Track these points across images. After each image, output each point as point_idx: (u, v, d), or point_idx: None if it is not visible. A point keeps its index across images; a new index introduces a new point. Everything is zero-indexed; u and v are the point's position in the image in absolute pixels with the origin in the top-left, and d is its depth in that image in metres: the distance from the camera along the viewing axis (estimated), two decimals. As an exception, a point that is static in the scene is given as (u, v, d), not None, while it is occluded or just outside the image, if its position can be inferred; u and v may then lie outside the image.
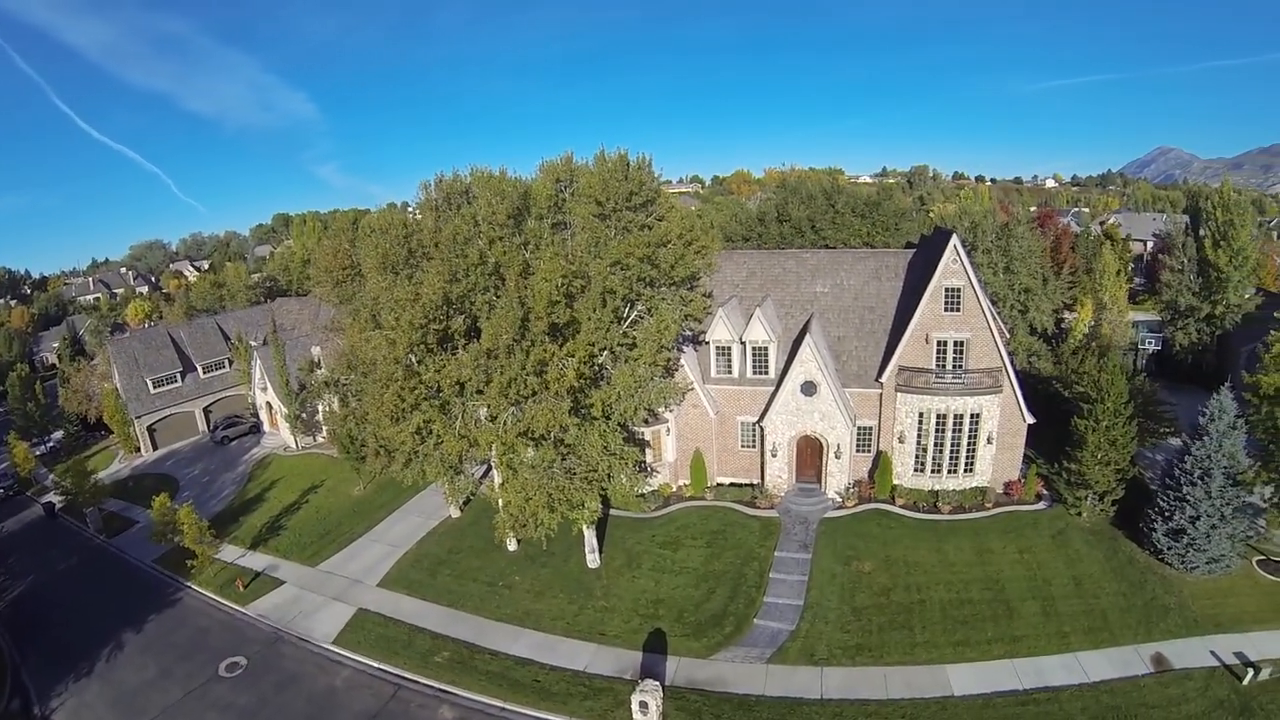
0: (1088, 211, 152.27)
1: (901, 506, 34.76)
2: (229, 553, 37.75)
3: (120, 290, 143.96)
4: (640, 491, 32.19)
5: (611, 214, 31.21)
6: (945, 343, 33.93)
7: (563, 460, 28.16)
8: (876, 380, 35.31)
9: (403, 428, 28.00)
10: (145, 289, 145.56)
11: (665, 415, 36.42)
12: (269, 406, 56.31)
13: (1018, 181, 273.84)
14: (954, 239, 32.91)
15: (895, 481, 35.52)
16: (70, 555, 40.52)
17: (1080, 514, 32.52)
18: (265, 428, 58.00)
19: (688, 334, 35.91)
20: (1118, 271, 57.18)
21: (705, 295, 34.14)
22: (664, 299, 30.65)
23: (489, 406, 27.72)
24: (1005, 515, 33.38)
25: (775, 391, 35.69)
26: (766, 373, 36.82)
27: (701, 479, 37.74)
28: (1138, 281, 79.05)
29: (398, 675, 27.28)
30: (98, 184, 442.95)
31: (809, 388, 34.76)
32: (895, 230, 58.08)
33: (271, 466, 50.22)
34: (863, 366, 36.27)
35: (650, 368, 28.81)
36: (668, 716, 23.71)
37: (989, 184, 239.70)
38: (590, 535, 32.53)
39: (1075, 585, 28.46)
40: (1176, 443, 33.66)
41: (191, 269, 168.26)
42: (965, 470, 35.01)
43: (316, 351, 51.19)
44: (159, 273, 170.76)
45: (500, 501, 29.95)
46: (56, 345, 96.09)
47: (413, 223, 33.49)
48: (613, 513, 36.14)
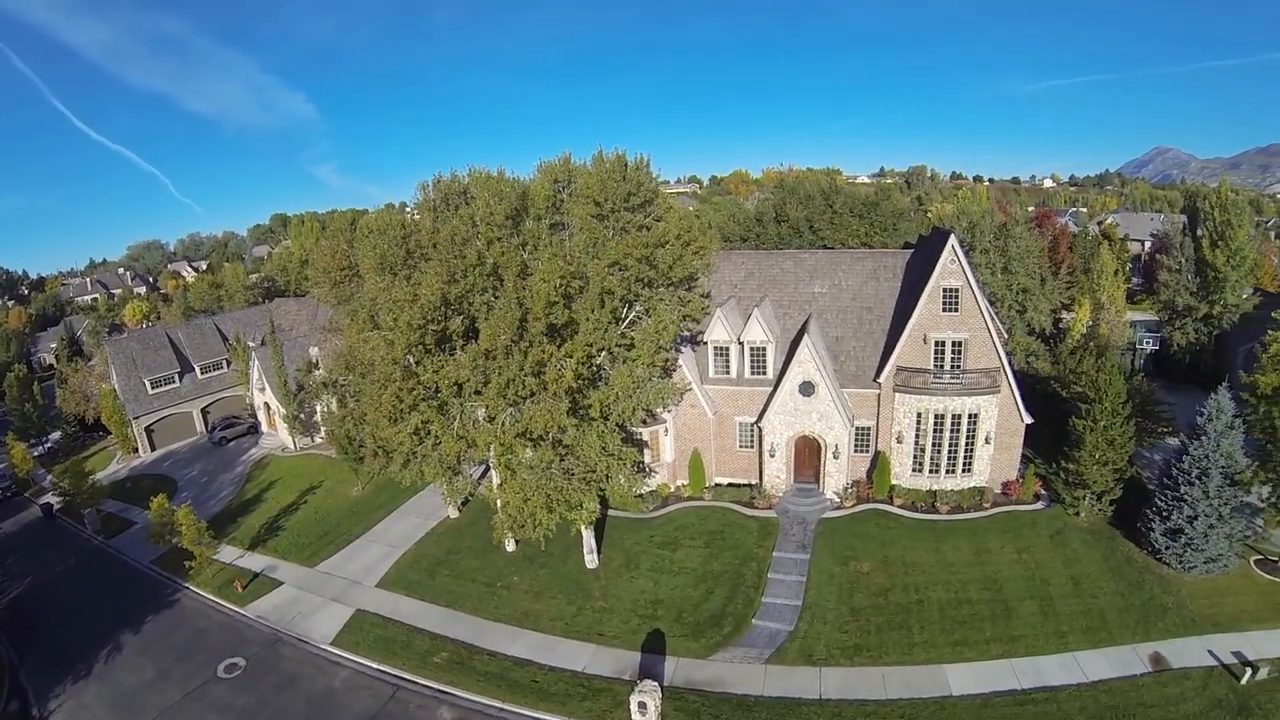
0: (1085, 211, 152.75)
1: (900, 506, 34.78)
2: (227, 554, 37.72)
3: (118, 291, 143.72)
4: (638, 492, 32.19)
5: (609, 214, 31.24)
6: (943, 343, 33.95)
7: (561, 461, 28.18)
8: (874, 380, 35.33)
9: (401, 428, 28.02)
10: (143, 289, 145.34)
11: (663, 416, 36.41)
12: (267, 407, 56.28)
13: (1015, 181, 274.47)
14: (952, 239, 32.92)
15: (893, 482, 35.54)
16: (68, 556, 40.49)
17: (1078, 514, 32.55)
18: (263, 428, 57.96)
19: (686, 334, 35.91)
20: (1115, 271, 57.20)
21: (703, 296, 34.22)
22: (662, 299, 30.67)
23: (487, 407, 27.74)
24: (1003, 515, 33.41)
25: (773, 392, 35.70)
26: (764, 373, 36.83)
27: (700, 479, 37.75)
28: (1135, 281, 79.04)
29: (396, 676, 27.28)
30: (95, 184, 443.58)
31: (807, 388, 34.78)
32: (893, 230, 58.13)
33: (270, 467, 50.18)
34: (861, 367, 36.28)
35: (648, 368, 28.85)
36: (666, 717, 23.72)
37: (987, 184, 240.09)
38: (589, 536, 32.54)
39: (1073, 585, 28.50)
40: (1174, 442, 33.63)
41: (189, 269, 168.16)
42: (963, 470, 35.03)
43: (314, 352, 51.16)
44: (157, 273, 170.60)
45: (498, 502, 29.97)
46: (54, 346, 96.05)
47: (411, 223, 33.50)
48: (611, 513, 36.16)
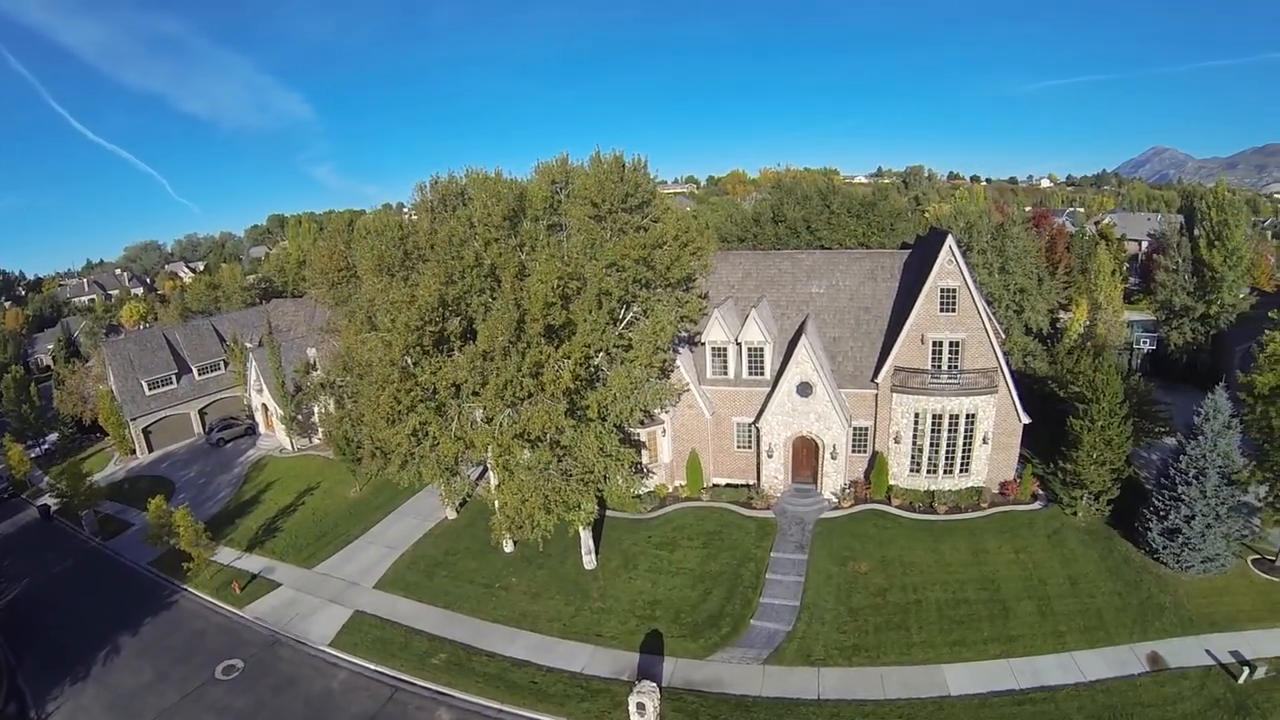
0: (1083, 211, 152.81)
1: (897, 507, 34.80)
2: (225, 555, 37.68)
3: (115, 292, 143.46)
4: (636, 493, 32.12)
5: (607, 215, 31.22)
6: (941, 343, 33.97)
7: (559, 462, 28.17)
8: (872, 381, 35.35)
9: (399, 429, 28.00)
10: (140, 290, 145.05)
11: (661, 416, 36.41)
12: (265, 408, 56.22)
13: (1013, 181, 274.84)
14: (949, 239, 32.94)
15: (891, 482, 35.56)
16: (66, 558, 40.43)
17: (1076, 514, 32.58)
18: (261, 429, 57.90)
19: (683, 335, 35.89)
20: (1113, 271, 57.32)
21: (701, 296, 34.22)
22: (660, 300, 30.66)
23: (485, 408, 27.73)
24: (1001, 515, 33.44)
25: (771, 392, 35.70)
26: (762, 373, 36.84)
27: (698, 480, 37.75)
28: (1133, 281, 79.16)
29: (395, 677, 27.26)
30: (92, 185, 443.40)
31: (805, 388, 34.79)
32: (891, 231, 58.12)
33: (267, 468, 50.13)
34: (858, 367, 36.31)
35: (646, 369, 28.84)
36: (665, 717, 23.72)
37: (984, 184, 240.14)
38: (587, 536, 32.53)
39: (1071, 585, 28.53)
40: (1171, 442, 33.64)
41: (187, 270, 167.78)
42: (961, 470, 35.07)
43: (312, 353, 51.08)
44: (154, 274, 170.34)
45: (496, 503, 29.96)
46: (51, 347, 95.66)
47: (408, 224, 33.48)
48: (609, 514, 36.16)
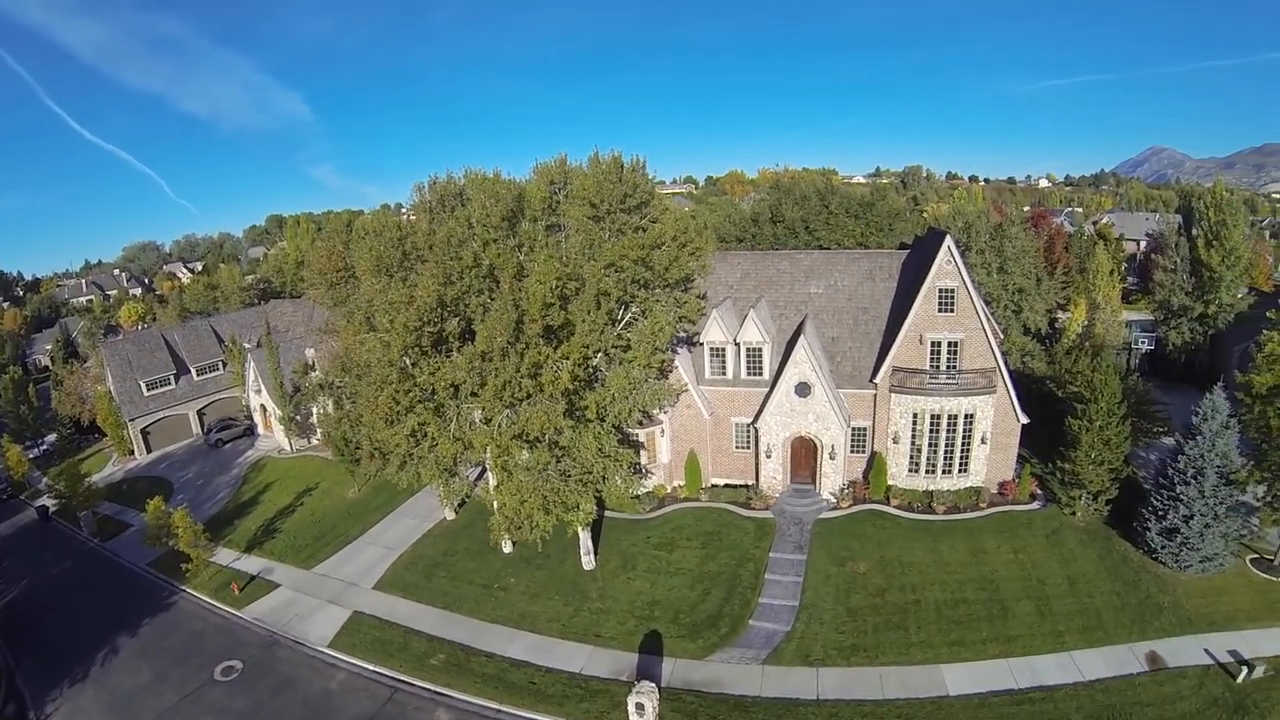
0: (1081, 211, 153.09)
1: (896, 507, 34.81)
2: (224, 556, 37.66)
3: (113, 292, 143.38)
4: (635, 493, 32.13)
5: (606, 216, 31.25)
6: (939, 343, 33.99)
7: (557, 462, 28.17)
8: (871, 381, 35.35)
9: (397, 430, 27.99)
10: (138, 291, 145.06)
11: (660, 417, 36.43)
12: (263, 409, 56.18)
13: (1011, 181, 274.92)
14: (948, 240, 32.96)
15: (890, 482, 35.57)
16: (64, 559, 40.40)
17: (1074, 513, 32.60)
18: (259, 430, 57.85)
19: (682, 335, 35.89)
20: (1111, 271, 57.35)
21: (699, 297, 34.25)
22: (658, 301, 30.68)
23: (484, 409, 27.73)
24: (999, 515, 33.45)
25: (769, 393, 35.70)
26: (761, 374, 36.83)
27: (696, 480, 37.75)
28: (1131, 281, 79.11)
29: (394, 678, 27.27)
30: (90, 185, 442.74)
31: (803, 389, 34.80)
32: (889, 231, 58.12)
33: (266, 469, 50.09)
34: (857, 367, 36.32)
35: (645, 369, 28.86)
36: (664, 718, 23.72)
37: (982, 184, 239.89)
38: (585, 537, 32.52)
39: (1070, 585, 28.55)
40: (1170, 442, 33.72)
41: (185, 271, 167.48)
42: (959, 470, 35.08)
43: (311, 354, 51.07)
44: (152, 274, 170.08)
45: (495, 504, 29.95)
46: (49, 348, 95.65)
47: (407, 225, 33.48)
48: (607, 514, 36.15)
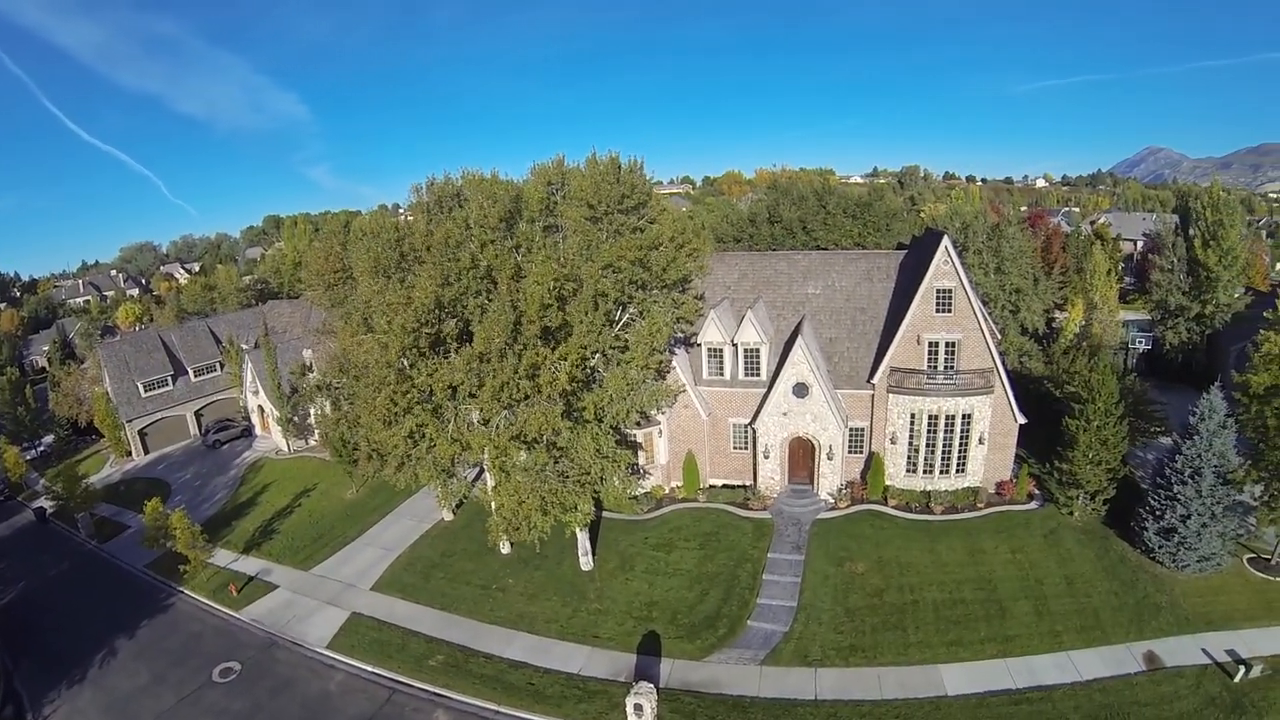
0: (1078, 211, 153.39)
1: (894, 507, 34.84)
2: (222, 557, 37.60)
3: (110, 293, 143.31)
4: (633, 494, 32.16)
5: (603, 217, 31.21)
6: (937, 344, 34.02)
7: (555, 463, 28.16)
8: (868, 381, 35.37)
9: (395, 431, 27.96)
10: (135, 292, 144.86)
11: (657, 418, 36.42)
12: (261, 410, 56.10)
13: (1008, 181, 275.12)
14: (945, 240, 33.00)
15: (887, 482, 35.59)
16: (62, 560, 40.31)
17: (1072, 513, 32.65)
18: (257, 431, 57.77)
19: (679, 336, 35.89)
20: (1108, 271, 57.51)
21: (697, 297, 34.24)
22: (656, 301, 30.68)
23: (481, 410, 27.72)
24: (997, 515, 33.50)
25: (767, 393, 35.72)
26: (758, 374, 36.84)
27: (694, 481, 37.76)
28: (1128, 281, 79.22)
29: (392, 679, 27.24)
30: (87, 186, 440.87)
31: (801, 389, 34.82)
32: (886, 231, 58.23)
33: (264, 470, 50.03)
34: (854, 368, 36.34)
35: (642, 370, 28.83)
36: (662, 718, 23.74)
37: (980, 184, 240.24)
38: (583, 538, 32.51)
39: (1067, 584, 28.59)
40: (1167, 442, 33.81)
41: (182, 271, 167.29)
42: (957, 471, 35.11)
43: (308, 355, 50.99)
44: (149, 275, 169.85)
45: (493, 505, 29.93)
46: (46, 349, 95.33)
47: (404, 226, 33.46)
48: (605, 515, 36.16)
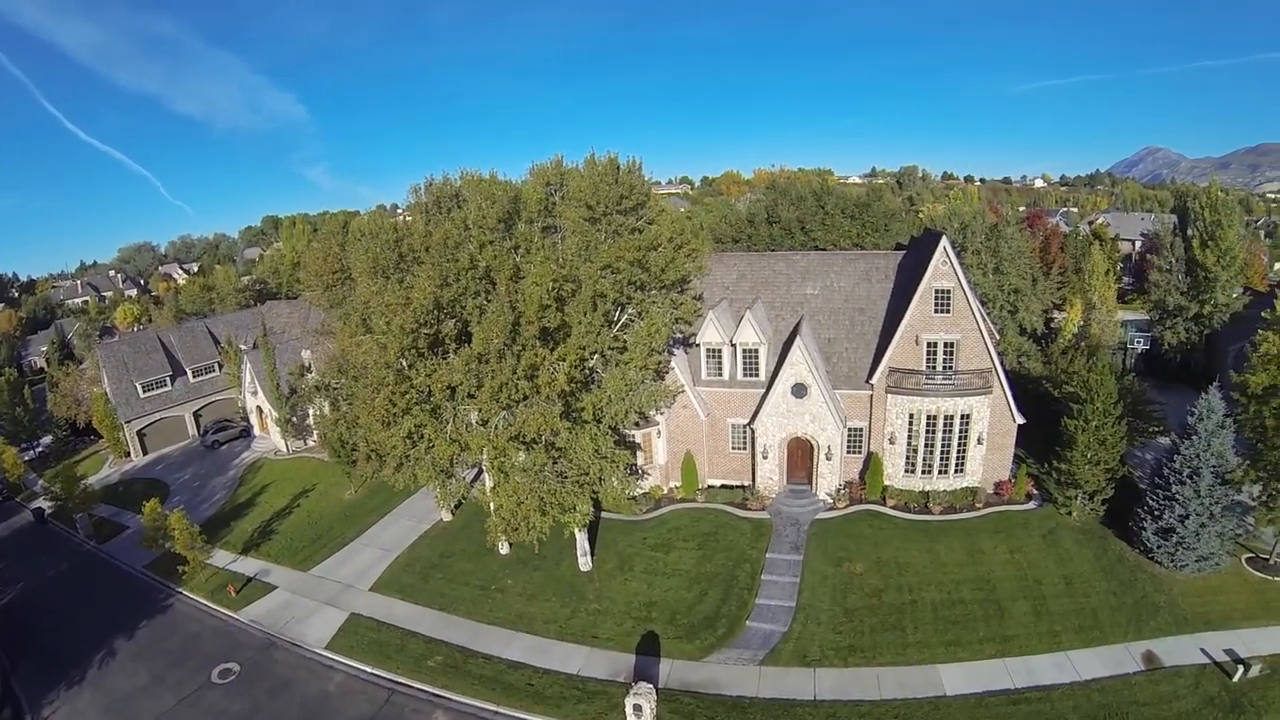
0: (1076, 211, 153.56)
1: (892, 507, 34.86)
2: (220, 558, 37.57)
3: (109, 293, 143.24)
4: (631, 494, 32.11)
5: (602, 218, 31.24)
6: (935, 344, 34.05)
7: (554, 464, 28.15)
8: (867, 382, 35.40)
9: (394, 432, 27.95)
10: (134, 292, 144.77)
11: (656, 418, 36.41)
12: (259, 410, 56.05)
13: (1006, 182, 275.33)
14: (944, 241, 33.04)
15: (886, 482, 35.61)
16: (60, 561, 40.25)
17: (1070, 513, 32.69)
18: (255, 432, 57.71)
19: (678, 337, 35.92)
20: (1106, 271, 57.54)
21: (695, 298, 34.26)
22: (654, 302, 30.70)
23: (480, 411, 27.70)
24: (996, 515, 33.53)
25: (766, 394, 35.74)
26: (757, 375, 36.86)
27: (692, 481, 37.76)
28: (1126, 281, 79.31)
29: (391, 680, 27.23)
30: (85, 186, 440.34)
31: (799, 390, 34.83)
32: (885, 231, 58.32)
33: (262, 471, 50.00)
34: (853, 368, 36.37)
35: (641, 371, 28.83)
36: (661, 719, 23.75)
37: (978, 184, 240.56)
38: (582, 538, 32.51)
39: (1066, 584, 28.62)
40: (1165, 442, 33.85)
41: (180, 272, 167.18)
42: (956, 471, 35.14)
43: (307, 355, 50.94)
44: (147, 275, 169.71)
45: (492, 505, 29.92)
46: (45, 349, 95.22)
47: (403, 227, 33.45)
48: (604, 515, 36.16)
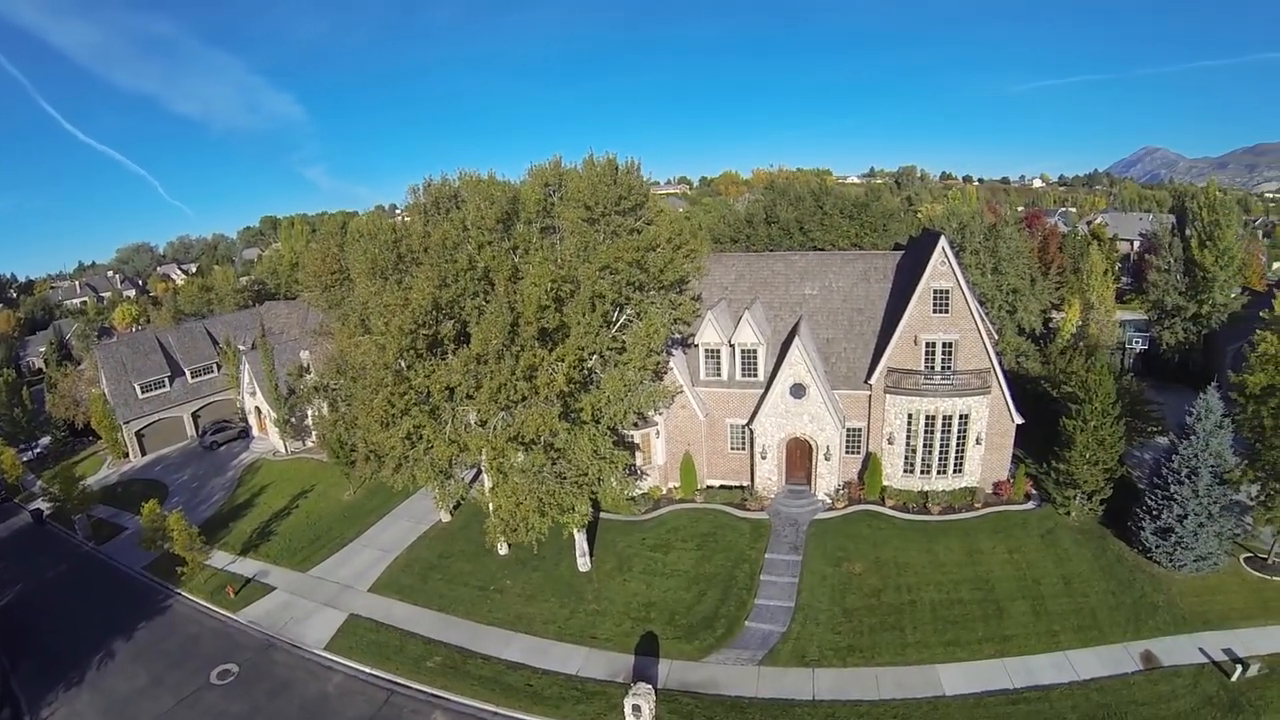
0: (1075, 211, 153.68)
1: (891, 507, 34.88)
2: (219, 559, 37.54)
3: (107, 294, 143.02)
4: (630, 495, 32.18)
5: (600, 218, 31.23)
6: (934, 344, 34.06)
7: (553, 464, 28.17)
8: (865, 382, 35.42)
9: (392, 433, 27.95)
10: (132, 293, 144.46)
11: (655, 418, 36.42)
12: (258, 411, 56.00)
13: (1005, 182, 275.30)
14: (942, 241, 33.04)
15: (885, 483, 35.62)
16: (59, 562, 40.20)
17: (1069, 513, 32.71)
18: (254, 432, 57.66)
19: (677, 337, 35.95)
20: (1105, 271, 57.56)
21: (694, 298, 34.28)
22: (653, 303, 30.71)
23: (479, 411, 27.71)
24: (994, 515, 33.55)
25: (764, 394, 35.75)
26: (755, 375, 36.86)
27: (691, 482, 37.77)
28: (1125, 281, 79.38)
29: (390, 681, 27.23)
30: (84, 186, 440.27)
31: (798, 390, 34.84)
32: (884, 231, 58.38)
33: (261, 471, 49.96)
34: (852, 368, 36.38)
35: (639, 371, 28.85)
36: (660, 719, 23.79)
37: (976, 184, 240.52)
38: (581, 539, 32.51)
39: (1064, 584, 28.64)
40: (1164, 442, 33.90)
41: (179, 272, 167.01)
42: (954, 471, 35.15)
43: (305, 356, 50.97)
44: (146, 276, 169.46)
45: (491, 506, 29.92)
46: (43, 350, 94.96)
47: (401, 227, 33.45)
48: (603, 516, 36.16)
